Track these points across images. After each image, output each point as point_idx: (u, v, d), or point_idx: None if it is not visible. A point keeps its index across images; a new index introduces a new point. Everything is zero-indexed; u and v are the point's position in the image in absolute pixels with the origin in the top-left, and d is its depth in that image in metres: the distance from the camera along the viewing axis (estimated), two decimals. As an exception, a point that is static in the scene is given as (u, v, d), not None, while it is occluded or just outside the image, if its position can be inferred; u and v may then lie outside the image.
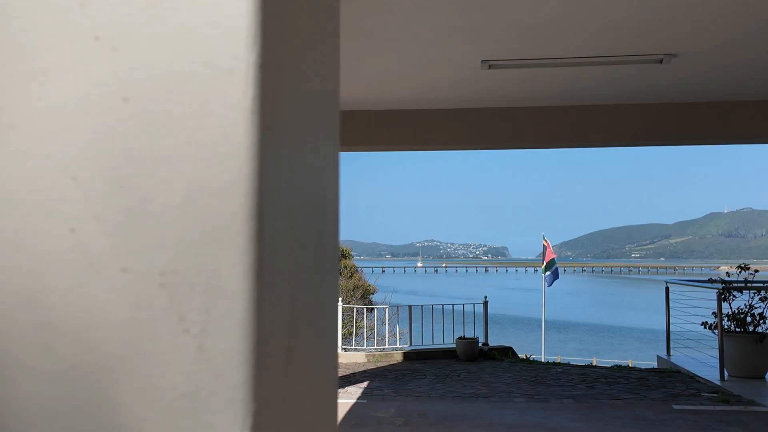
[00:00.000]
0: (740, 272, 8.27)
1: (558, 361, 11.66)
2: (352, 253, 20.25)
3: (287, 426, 0.50)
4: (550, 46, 4.97)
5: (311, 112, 0.57)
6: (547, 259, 15.48)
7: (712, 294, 8.11)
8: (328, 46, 0.63)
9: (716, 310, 7.93)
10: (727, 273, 9.08)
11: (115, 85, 0.46)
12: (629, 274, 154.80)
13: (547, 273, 15.36)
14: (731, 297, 8.01)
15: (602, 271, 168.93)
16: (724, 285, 8.01)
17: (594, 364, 10.59)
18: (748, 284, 8.08)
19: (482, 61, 5.37)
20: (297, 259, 0.52)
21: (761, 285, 8.08)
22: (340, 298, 11.07)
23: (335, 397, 0.66)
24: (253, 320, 0.43)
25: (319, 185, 0.60)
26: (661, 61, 5.26)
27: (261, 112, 0.44)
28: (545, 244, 15.91)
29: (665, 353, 9.53)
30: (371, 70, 5.63)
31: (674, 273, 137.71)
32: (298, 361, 0.52)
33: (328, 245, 0.64)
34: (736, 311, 7.97)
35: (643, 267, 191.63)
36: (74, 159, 0.46)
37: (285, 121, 0.49)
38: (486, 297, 10.75)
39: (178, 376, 0.43)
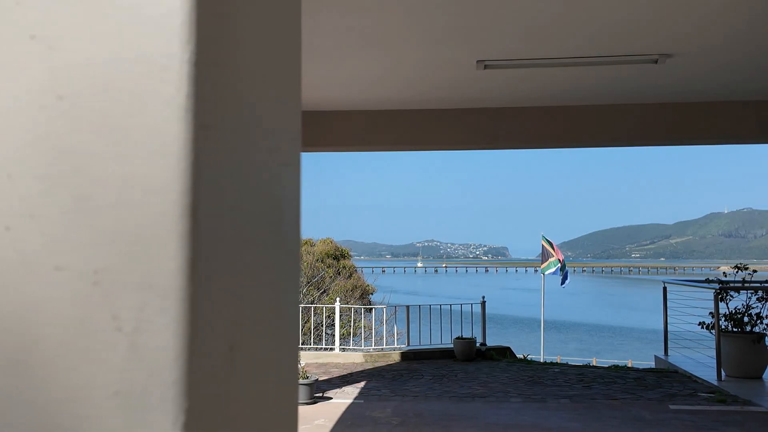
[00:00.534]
0: (737, 272, 8.26)
1: (558, 361, 11.65)
2: (351, 253, 20.23)
3: (233, 425, 0.50)
4: (545, 47, 4.98)
5: (264, 111, 0.57)
6: (561, 258, 15.47)
7: (710, 294, 8.11)
8: (286, 45, 0.63)
9: (713, 310, 7.93)
10: (724, 273, 9.08)
11: (50, 83, 0.46)
12: (629, 274, 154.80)
13: (552, 271, 15.35)
14: (728, 297, 8.00)
15: (602, 271, 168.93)
16: (721, 285, 8.01)
17: (591, 365, 10.58)
18: (745, 284, 8.08)
19: (477, 61, 5.38)
20: (244, 258, 0.52)
21: (758, 285, 8.07)
22: (338, 299, 11.06)
23: (295, 396, 0.66)
24: (186, 318, 0.43)
25: (275, 183, 0.60)
26: (656, 62, 5.26)
27: (195, 109, 0.44)
28: (544, 244, 15.88)
29: (663, 353, 9.53)
30: (368, 70, 5.64)
31: (674, 273, 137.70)
32: (244, 360, 0.51)
33: (286, 244, 0.64)
34: (734, 311, 7.97)
35: (643, 267, 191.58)
36: (9, 157, 0.46)
37: (227, 119, 0.49)
38: (483, 297, 10.74)
39: (112, 374, 0.43)
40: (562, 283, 15.77)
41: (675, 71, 5.60)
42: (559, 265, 15.35)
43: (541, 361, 11.07)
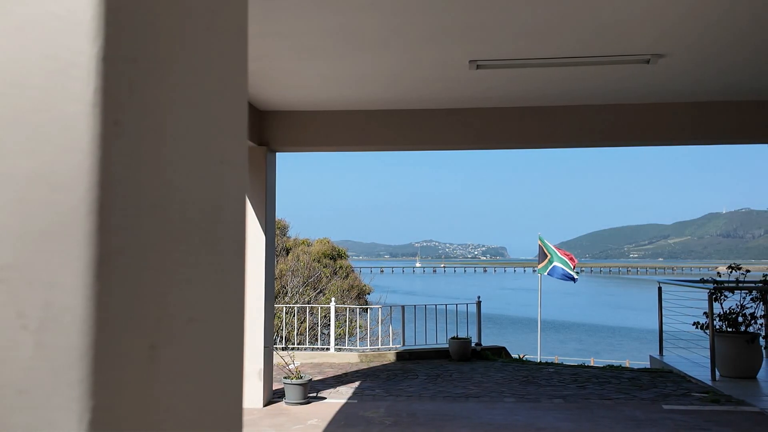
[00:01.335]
0: (731, 272, 8.27)
1: (555, 361, 11.66)
2: (350, 253, 20.27)
3: (158, 425, 0.50)
4: (538, 47, 4.98)
5: (196, 107, 0.56)
6: (572, 261, 15.42)
7: (705, 294, 8.11)
8: (227, 39, 0.62)
9: (708, 310, 7.94)
10: (718, 273, 9.08)
11: (-42, 79, 0.45)
12: (627, 274, 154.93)
13: (559, 267, 15.29)
14: (722, 297, 8.01)
15: (600, 271, 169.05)
16: (715, 285, 8.01)
17: (585, 365, 10.58)
18: (739, 284, 8.09)
19: (470, 61, 5.38)
20: (170, 257, 0.52)
21: (752, 285, 8.08)
22: (333, 299, 11.05)
23: (238, 398, 0.66)
24: (93, 316, 0.43)
25: (212, 182, 0.60)
26: (648, 62, 5.26)
27: (105, 105, 0.44)
28: (541, 245, 15.86)
29: (658, 353, 9.53)
30: (365, 70, 5.63)
31: (672, 273, 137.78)
32: (171, 360, 0.51)
33: (226, 243, 0.63)
34: (728, 311, 7.98)
35: (641, 267, 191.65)
36: None
37: (146, 116, 0.48)
38: (479, 297, 10.75)
39: (16, 372, 0.43)
40: (574, 280, 15.77)
41: (669, 71, 5.60)
42: (572, 268, 15.32)
43: (537, 361, 11.08)
